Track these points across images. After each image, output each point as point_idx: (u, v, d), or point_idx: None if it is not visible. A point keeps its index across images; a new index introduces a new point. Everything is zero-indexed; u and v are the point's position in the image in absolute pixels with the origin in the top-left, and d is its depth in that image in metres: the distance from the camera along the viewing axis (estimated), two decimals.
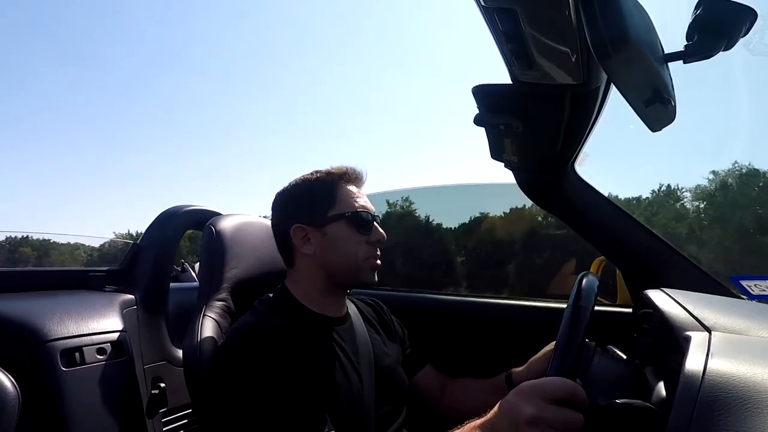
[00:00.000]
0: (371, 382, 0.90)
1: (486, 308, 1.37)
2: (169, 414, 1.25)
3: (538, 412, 0.51)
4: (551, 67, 0.66)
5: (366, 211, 0.94)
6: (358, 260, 0.92)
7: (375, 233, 0.94)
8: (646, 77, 0.56)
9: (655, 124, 0.66)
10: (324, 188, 0.94)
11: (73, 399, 0.99)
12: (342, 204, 0.92)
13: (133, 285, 1.32)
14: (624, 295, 1.26)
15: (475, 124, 0.86)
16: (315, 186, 0.94)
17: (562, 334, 0.64)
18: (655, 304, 0.69)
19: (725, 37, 0.53)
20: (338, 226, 0.91)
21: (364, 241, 0.92)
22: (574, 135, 0.86)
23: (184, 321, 0.97)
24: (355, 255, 0.92)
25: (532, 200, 1.10)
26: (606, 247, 1.09)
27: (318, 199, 0.93)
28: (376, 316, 1.10)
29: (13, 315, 1.03)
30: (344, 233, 0.91)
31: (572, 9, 0.52)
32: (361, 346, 0.94)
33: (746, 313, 0.63)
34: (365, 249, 0.92)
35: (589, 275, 0.71)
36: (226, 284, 0.98)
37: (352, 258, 0.92)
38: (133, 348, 1.17)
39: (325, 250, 0.92)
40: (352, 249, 0.92)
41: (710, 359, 0.46)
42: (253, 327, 0.85)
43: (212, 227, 1.03)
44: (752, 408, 0.39)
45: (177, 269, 3.43)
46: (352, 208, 0.92)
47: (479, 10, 0.57)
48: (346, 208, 0.92)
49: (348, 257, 0.92)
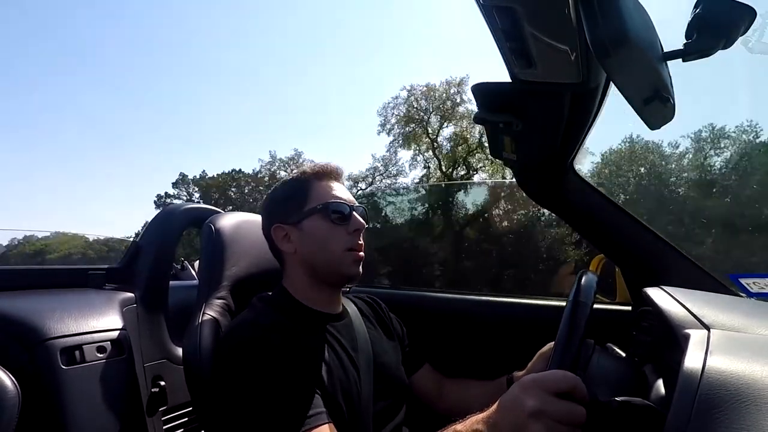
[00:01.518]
0: (369, 378, 0.91)
1: (485, 306, 1.37)
2: (169, 412, 1.25)
3: (541, 405, 0.51)
4: (551, 65, 0.66)
5: (339, 201, 0.93)
6: (337, 252, 0.91)
7: (353, 223, 0.93)
8: (646, 76, 0.56)
9: (654, 122, 0.66)
10: (298, 186, 0.95)
11: (73, 397, 0.99)
12: (315, 198, 0.93)
13: (133, 283, 1.32)
14: (623, 293, 1.26)
15: (474, 122, 0.86)
16: (290, 185, 0.96)
17: (563, 330, 0.64)
18: (655, 302, 0.69)
19: (724, 35, 0.53)
20: (313, 219, 0.92)
21: (343, 232, 0.92)
22: (573, 133, 0.86)
23: (184, 319, 0.97)
24: (332, 246, 0.91)
25: (532, 198, 1.10)
26: (605, 245, 1.09)
27: (294, 197, 0.94)
28: (374, 314, 1.10)
29: (12, 313, 1.03)
30: (319, 226, 0.92)
31: (572, 8, 0.52)
32: (359, 342, 0.94)
33: (745, 311, 0.64)
34: (344, 240, 0.92)
35: (589, 273, 0.71)
36: (225, 282, 0.98)
37: (329, 250, 0.91)
38: (133, 346, 1.16)
39: (304, 246, 0.93)
40: (329, 241, 0.91)
41: (709, 357, 0.47)
42: (252, 322, 0.85)
43: (211, 225, 1.03)
44: (751, 405, 0.40)
45: (177, 267, 3.43)
46: (325, 200, 0.92)
47: (479, 8, 0.57)
48: (318, 201, 0.92)
49: (326, 250, 0.92)
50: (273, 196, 0.98)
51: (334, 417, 0.78)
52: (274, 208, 0.96)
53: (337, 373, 0.85)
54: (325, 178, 0.96)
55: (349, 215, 0.93)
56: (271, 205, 0.97)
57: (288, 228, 0.94)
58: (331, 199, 0.93)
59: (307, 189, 0.94)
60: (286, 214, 0.94)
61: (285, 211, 0.94)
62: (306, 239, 0.92)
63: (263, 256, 1.06)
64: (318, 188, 0.94)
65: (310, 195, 0.93)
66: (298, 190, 0.95)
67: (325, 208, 0.92)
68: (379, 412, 0.90)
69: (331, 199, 0.93)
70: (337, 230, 0.92)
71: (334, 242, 0.91)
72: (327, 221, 0.91)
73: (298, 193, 0.94)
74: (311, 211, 0.92)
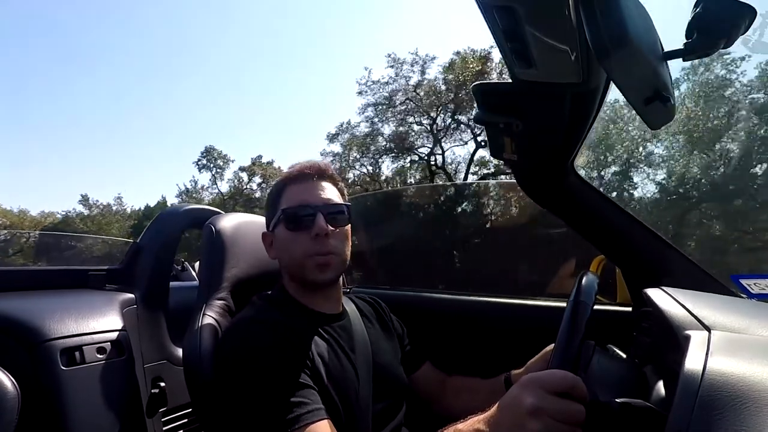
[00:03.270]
0: (368, 378, 0.90)
1: (486, 307, 1.37)
2: (169, 413, 1.25)
3: (540, 403, 0.51)
4: (551, 65, 0.66)
5: (299, 205, 0.90)
6: (297, 258, 0.90)
7: (315, 226, 0.88)
8: (646, 76, 0.56)
9: (654, 122, 0.66)
10: (275, 191, 0.96)
11: (73, 398, 0.99)
12: (283, 204, 0.93)
13: (133, 284, 1.32)
14: (624, 294, 1.26)
15: (474, 122, 0.86)
16: (271, 192, 0.97)
17: (563, 330, 0.64)
18: (655, 303, 0.69)
19: (724, 35, 0.53)
20: (280, 227, 0.92)
21: (306, 237, 0.90)
22: (573, 133, 0.86)
23: (184, 320, 0.97)
24: (293, 253, 0.91)
25: (532, 198, 1.10)
26: (605, 246, 1.09)
27: (271, 204, 0.96)
28: (374, 314, 1.10)
29: (13, 314, 1.03)
30: (283, 233, 0.92)
31: (572, 8, 0.52)
32: (358, 342, 0.94)
33: (746, 312, 0.63)
34: (305, 246, 0.89)
35: (589, 274, 0.71)
36: (226, 283, 0.98)
37: (292, 257, 0.91)
38: (133, 347, 1.17)
39: (278, 253, 0.94)
40: (291, 248, 0.91)
41: (710, 358, 0.46)
42: (252, 319, 0.86)
43: (212, 226, 1.03)
44: (752, 407, 0.39)
45: (177, 268, 3.43)
46: (287, 205, 0.92)
47: (479, 8, 0.57)
48: (282, 207, 0.92)
49: (290, 257, 0.92)
50: (266, 202, 1.00)
51: (332, 417, 0.78)
52: (265, 214, 0.99)
53: (336, 373, 0.85)
54: (299, 180, 0.94)
55: (311, 220, 0.89)
56: (264, 210, 0.99)
57: (270, 235, 0.96)
58: (293, 204, 0.91)
59: (281, 194, 0.94)
60: (268, 221, 0.96)
61: (268, 219, 0.97)
62: (278, 246, 0.94)
63: (263, 257, 1.06)
64: (288, 193, 0.93)
65: (281, 200, 0.93)
66: (274, 196, 0.96)
67: (284, 213, 0.91)
68: (378, 412, 0.90)
69: (294, 203, 0.91)
70: (300, 236, 0.90)
71: (294, 248, 0.90)
72: (288, 227, 0.91)
73: (273, 200, 0.95)
74: (279, 218, 0.92)
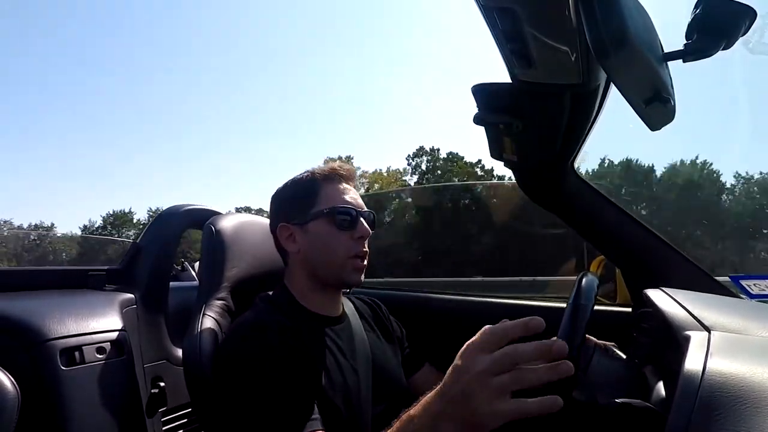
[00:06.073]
0: (368, 380, 0.90)
1: (486, 307, 1.37)
2: (168, 413, 1.25)
3: (479, 366, 0.52)
4: (551, 66, 0.66)
5: (348, 206, 0.92)
6: (339, 258, 0.91)
7: (359, 229, 0.91)
8: (646, 76, 0.56)
9: (654, 123, 0.66)
10: (307, 187, 0.94)
11: (73, 398, 0.99)
12: (324, 201, 0.92)
13: (133, 284, 1.32)
14: (624, 295, 1.26)
15: (474, 123, 0.86)
16: (299, 185, 0.95)
17: (563, 332, 0.64)
18: (655, 304, 0.69)
19: (724, 36, 0.53)
20: (319, 223, 0.91)
21: (348, 237, 0.91)
22: (573, 134, 0.86)
23: (184, 320, 0.97)
24: (335, 252, 0.90)
25: (532, 199, 1.10)
26: (606, 247, 1.09)
27: (302, 197, 0.93)
28: (374, 316, 1.10)
29: (12, 314, 1.03)
30: (324, 230, 0.91)
31: (572, 8, 0.52)
32: (357, 345, 0.94)
33: (746, 313, 0.64)
34: (347, 246, 0.91)
35: (589, 274, 0.71)
36: (226, 283, 0.98)
37: (332, 255, 0.91)
38: (133, 347, 1.16)
39: (308, 248, 0.92)
40: (332, 246, 0.90)
41: (710, 359, 0.46)
42: (253, 321, 0.85)
43: (212, 226, 1.03)
44: (751, 408, 0.39)
45: (177, 268, 3.43)
46: (333, 204, 0.91)
47: (479, 9, 0.57)
48: (326, 204, 0.91)
49: (329, 254, 0.91)
50: (281, 195, 0.97)
51: (332, 420, 0.78)
52: (281, 207, 0.96)
53: (336, 377, 0.85)
54: (335, 180, 0.95)
55: (355, 221, 0.92)
56: (278, 203, 0.97)
57: (293, 228, 0.93)
58: (340, 203, 0.92)
59: (317, 191, 0.93)
60: (292, 213, 0.93)
61: (291, 211, 0.94)
62: (310, 241, 0.92)
63: (264, 257, 1.06)
64: (327, 191, 0.93)
65: (319, 197, 0.92)
66: (307, 190, 0.94)
67: (332, 211, 0.91)
68: (377, 414, 0.90)
69: (341, 203, 0.92)
70: (342, 235, 0.91)
71: (337, 247, 0.90)
72: (333, 225, 0.91)
73: (306, 193, 0.93)
74: (318, 214, 0.91)
